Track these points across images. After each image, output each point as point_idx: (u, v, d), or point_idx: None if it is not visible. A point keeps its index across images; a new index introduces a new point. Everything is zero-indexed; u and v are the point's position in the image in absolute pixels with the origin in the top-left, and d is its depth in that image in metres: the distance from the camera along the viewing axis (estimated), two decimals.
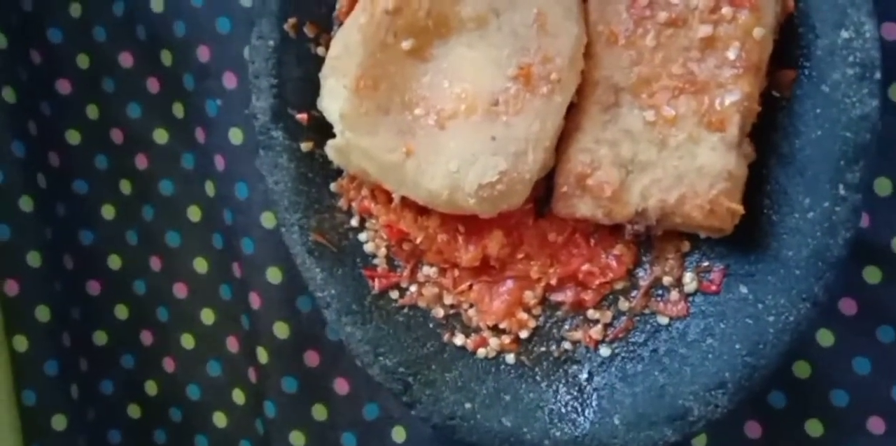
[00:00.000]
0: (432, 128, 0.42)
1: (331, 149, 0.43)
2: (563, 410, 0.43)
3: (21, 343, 0.53)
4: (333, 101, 0.42)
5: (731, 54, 0.39)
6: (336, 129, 0.43)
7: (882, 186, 0.45)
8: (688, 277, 0.43)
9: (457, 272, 0.45)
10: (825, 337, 0.46)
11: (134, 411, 0.58)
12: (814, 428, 0.46)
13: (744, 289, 0.42)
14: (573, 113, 0.42)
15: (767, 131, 0.41)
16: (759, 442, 0.47)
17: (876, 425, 0.45)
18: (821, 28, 0.39)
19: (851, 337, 0.46)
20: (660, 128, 0.40)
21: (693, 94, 0.40)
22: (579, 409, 0.43)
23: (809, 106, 0.40)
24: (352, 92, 0.42)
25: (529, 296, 0.45)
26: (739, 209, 0.40)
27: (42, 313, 0.54)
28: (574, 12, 0.42)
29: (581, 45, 0.42)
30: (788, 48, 0.40)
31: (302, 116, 0.45)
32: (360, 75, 0.42)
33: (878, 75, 0.38)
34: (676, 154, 0.40)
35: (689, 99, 0.40)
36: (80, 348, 0.57)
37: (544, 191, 0.44)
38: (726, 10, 0.39)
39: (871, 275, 0.45)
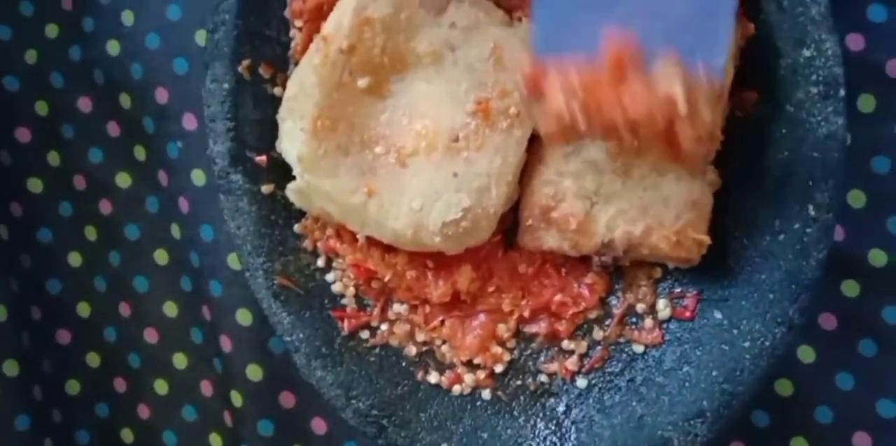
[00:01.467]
0: (393, 166, 0.42)
1: (291, 192, 0.43)
2: (542, 445, 0.43)
3: None
4: (292, 143, 0.42)
5: None
6: (296, 172, 0.42)
7: (856, 198, 0.45)
8: (661, 304, 0.43)
9: (428, 308, 0.45)
10: (806, 354, 0.46)
11: None
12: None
13: (718, 315, 0.41)
14: (535, 145, 0.42)
15: (734, 154, 0.41)
16: None
17: (862, 440, 0.45)
18: (782, 48, 0.39)
19: (833, 352, 0.45)
20: (623, 158, 0.40)
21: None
22: (558, 444, 0.42)
23: (775, 127, 0.40)
24: (310, 134, 0.41)
25: (503, 329, 0.44)
26: (706, 239, 0.40)
27: (10, 368, 0.53)
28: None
29: None
30: (751, 69, 0.40)
31: (261, 158, 0.45)
32: (318, 116, 0.41)
33: (842, 93, 0.38)
34: (641, 185, 0.40)
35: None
36: (52, 400, 0.56)
37: (511, 223, 0.44)
38: None
39: (850, 288, 0.45)
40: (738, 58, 0.40)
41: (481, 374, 0.44)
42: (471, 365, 0.44)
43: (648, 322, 0.43)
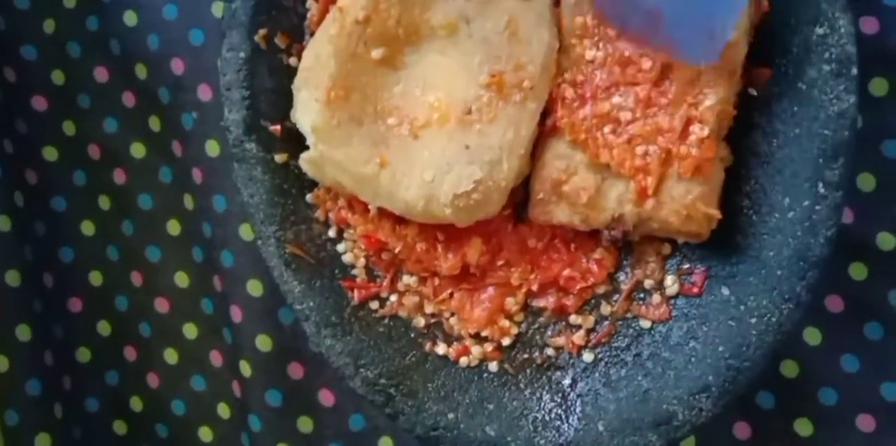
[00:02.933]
0: (406, 137, 0.42)
1: (304, 162, 0.43)
2: (547, 418, 0.43)
3: (2, 363, 0.53)
4: (306, 113, 0.42)
5: None
6: (309, 142, 0.42)
7: (865, 181, 0.45)
8: (669, 280, 0.43)
9: (437, 280, 0.45)
10: (812, 336, 0.46)
11: (120, 427, 0.57)
12: (803, 427, 0.46)
13: (726, 291, 0.41)
14: (548, 119, 0.42)
15: (746, 130, 0.41)
16: (749, 442, 0.47)
17: (866, 423, 0.45)
18: (796, 25, 0.39)
19: (839, 334, 0.45)
20: None
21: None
22: (563, 416, 0.43)
23: (787, 104, 0.40)
24: (324, 104, 0.41)
25: (511, 303, 0.45)
26: (716, 214, 0.40)
27: (23, 332, 0.54)
28: (546, 18, 0.42)
29: (553, 51, 0.41)
30: (764, 46, 0.40)
31: (275, 128, 0.45)
32: (332, 87, 0.41)
33: (854, 71, 0.38)
34: None
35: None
36: (63, 366, 0.56)
37: (522, 196, 0.44)
38: None
39: (857, 271, 0.45)
40: (752, 34, 0.40)
41: (489, 347, 0.45)
42: (478, 338, 0.45)
43: (656, 297, 0.43)
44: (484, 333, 0.45)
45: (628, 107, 0.40)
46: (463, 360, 0.45)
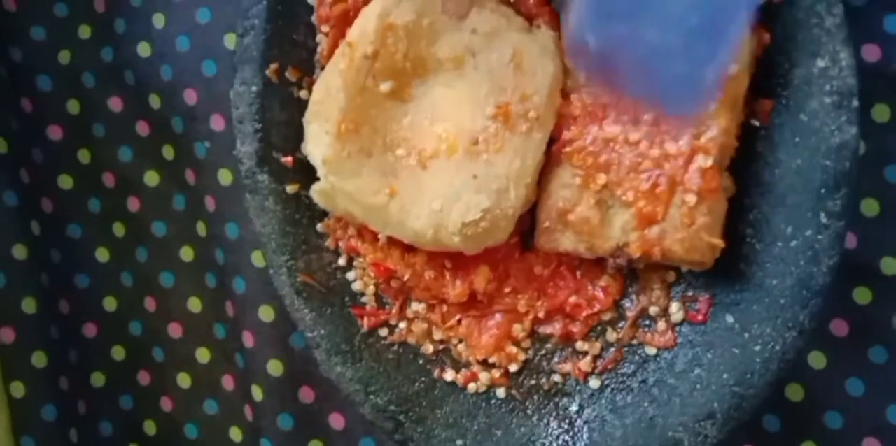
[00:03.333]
0: (414, 168, 0.43)
1: (315, 193, 0.44)
2: (555, 444, 0.43)
3: (18, 389, 0.53)
4: (316, 145, 0.43)
5: None
6: (320, 173, 0.43)
7: (869, 207, 0.45)
8: (674, 307, 0.43)
9: (445, 308, 0.46)
10: (817, 360, 0.46)
11: None
12: None
13: (730, 319, 0.42)
14: (554, 149, 0.42)
15: (748, 160, 0.42)
16: None
17: None
18: (797, 58, 0.40)
19: (844, 358, 0.46)
20: None
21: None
22: (570, 443, 0.43)
23: (788, 134, 0.40)
24: (334, 136, 0.42)
25: (518, 330, 0.45)
26: (720, 243, 0.40)
27: (38, 359, 0.54)
28: (550, 49, 0.42)
29: (558, 82, 0.42)
30: (766, 78, 0.41)
31: (287, 159, 0.46)
32: (342, 120, 0.42)
33: (855, 103, 0.39)
34: None
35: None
36: (78, 391, 0.57)
37: (529, 224, 0.44)
38: None
39: (861, 295, 0.45)
40: (754, 66, 0.41)
41: (496, 373, 0.45)
42: (486, 364, 0.45)
43: (661, 324, 0.43)
44: (492, 359, 0.45)
45: (634, 133, 0.41)
46: (471, 387, 0.45)
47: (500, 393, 0.45)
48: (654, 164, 0.40)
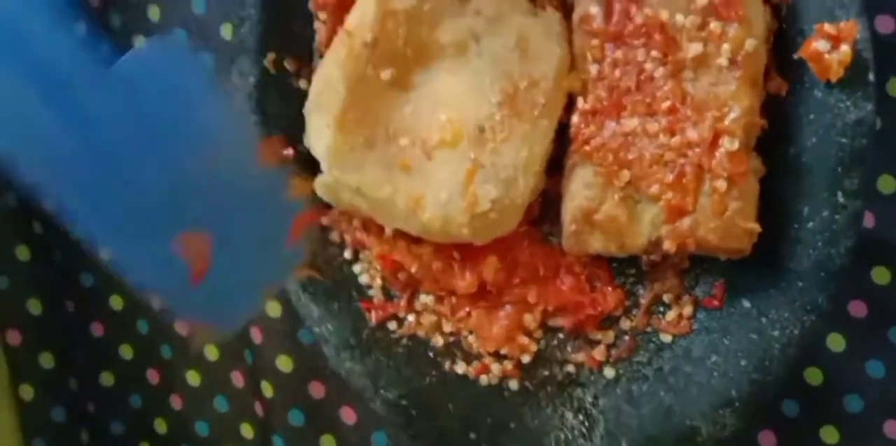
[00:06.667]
0: (420, 158, 0.42)
1: (319, 186, 0.43)
2: (570, 436, 0.43)
3: (27, 392, 0.53)
4: (318, 138, 0.42)
5: (726, 70, 0.38)
6: (323, 167, 0.42)
7: (886, 184, 0.44)
8: (688, 293, 0.42)
9: (454, 299, 0.45)
10: (836, 342, 0.45)
11: None
12: (829, 435, 0.46)
13: (747, 303, 0.41)
14: (572, 148, 0.41)
15: (761, 140, 0.40)
16: None
17: (893, 429, 0.45)
18: (810, 32, 0.39)
19: (863, 340, 0.45)
20: None
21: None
22: (586, 434, 0.42)
23: (803, 112, 0.39)
24: (336, 129, 0.41)
25: (529, 320, 0.44)
26: (756, 228, 0.39)
27: (46, 360, 0.54)
28: (556, 33, 0.41)
29: (565, 66, 0.41)
30: (780, 54, 0.40)
31: (288, 152, 0.45)
32: (343, 111, 0.41)
33: (871, 77, 0.38)
34: None
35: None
36: (87, 391, 0.57)
37: (538, 212, 0.44)
38: (714, 26, 0.38)
39: (880, 275, 0.44)
40: (769, 40, 0.39)
41: (508, 365, 0.44)
42: (497, 356, 0.45)
43: (676, 311, 0.43)
44: (503, 351, 0.44)
45: (652, 124, 0.39)
46: (483, 379, 0.44)
47: (513, 384, 0.44)
48: (677, 154, 0.39)
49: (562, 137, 0.42)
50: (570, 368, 0.44)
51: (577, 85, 0.41)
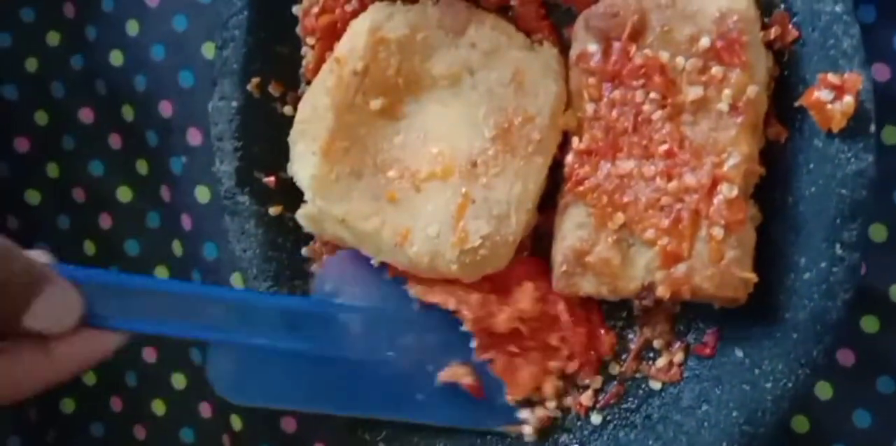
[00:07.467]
0: (408, 191, 0.40)
1: (302, 217, 0.41)
2: None
3: None
4: (303, 167, 0.41)
5: (726, 115, 0.38)
6: (307, 196, 0.41)
7: (877, 233, 0.43)
8: (679, 340, 0.41)
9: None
10: (823, 390, 0.44)
11: None
12: None
13: (739, 353, 0.40)
14: (565, 187, 0.40)
15: (760, 187, 0.39)
16: None
17: None
18: (812, 81, 0.38)
19: (850, 389, 0.44)
20: None
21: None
22: None
23: (802, 161, 0.38)
24: (321, 158, 0.40)
25: (553, 366, 0.42)
26: (752, 277, 0.38)
27: None
28: (553, 69, 0.40)
29: (561, 103, 0.40)
30: (781, 101, 0.39)
31: (269, 179, 0.43)
32: (330, 140, 0.40)
33: (872, 129, 0.37)
34: None
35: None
36: (46, 419, 0.54)
37: (530, 250, 0.42)
38: (716, 70, 0.37)
39: (869, 324, 0.44)
40: (771, 87, 0.39)
41: None
42: None
43: (666, 357, 0.41)
44: None
45: (648, 167, 0.38)
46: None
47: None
48: (673, 199, 0.38)
49: (555, 173, 0.41)
50: (556, 413, 0.43)
51: (572, 123, 0.40)
